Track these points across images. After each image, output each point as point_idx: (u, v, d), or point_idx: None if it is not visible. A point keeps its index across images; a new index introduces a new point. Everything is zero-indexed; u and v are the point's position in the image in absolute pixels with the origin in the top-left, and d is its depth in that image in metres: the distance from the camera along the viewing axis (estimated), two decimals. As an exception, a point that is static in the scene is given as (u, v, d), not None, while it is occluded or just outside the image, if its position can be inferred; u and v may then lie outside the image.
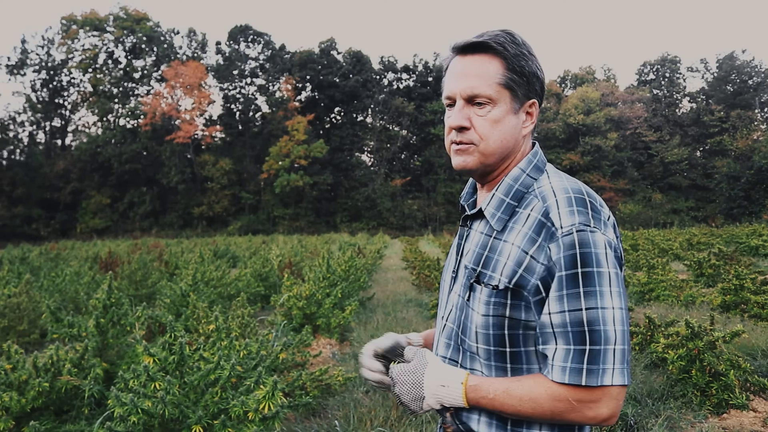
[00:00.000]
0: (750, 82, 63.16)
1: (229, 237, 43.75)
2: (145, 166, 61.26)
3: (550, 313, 1.26)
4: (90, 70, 65.14)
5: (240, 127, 65.39)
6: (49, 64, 64.52)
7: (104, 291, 4.83)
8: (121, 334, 4.88)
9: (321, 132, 66.43)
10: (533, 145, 1.50)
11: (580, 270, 1.23)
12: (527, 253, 1.30)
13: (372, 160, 68.41)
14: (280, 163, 58.38)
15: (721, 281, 10.35)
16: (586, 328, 1.22)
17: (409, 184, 64.83)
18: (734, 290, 7.93)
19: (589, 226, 1.26)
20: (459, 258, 1.52)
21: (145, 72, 66.89)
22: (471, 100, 1.39)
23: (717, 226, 42.98)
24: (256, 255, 17.76)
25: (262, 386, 3.25)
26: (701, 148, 64.96)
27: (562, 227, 1.26)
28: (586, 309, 1.22)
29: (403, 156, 69.84)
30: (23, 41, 65.19)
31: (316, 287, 7.86)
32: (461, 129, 1.40)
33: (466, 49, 1.41)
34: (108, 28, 65.34)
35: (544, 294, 1.27)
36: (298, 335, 5.68)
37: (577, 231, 1.25)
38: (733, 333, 4.62)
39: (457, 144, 1.42)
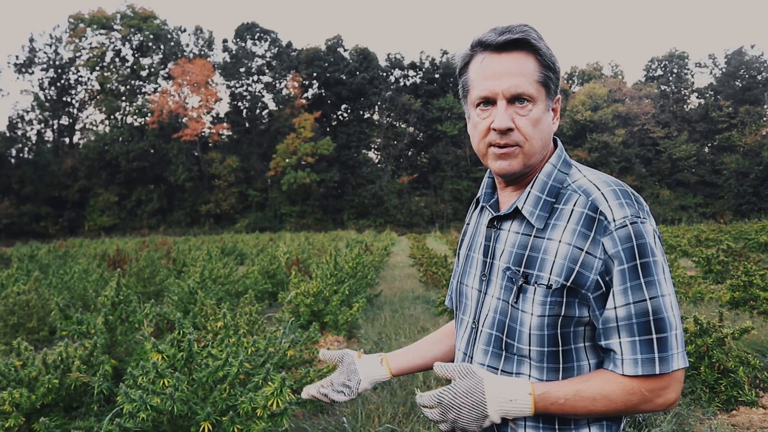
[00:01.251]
0: (759, 77, 62.69)
1: (236, 234, 43.89)
2: (153, 164, 61.41)
3: (615, 308, 1.27)
4: (97, 68, 65.32)
5: (247, 125, 65.40)
6: (57, 63, 64.72)
7: (112, 288, 4.85)
8: (129, 331, 4.90)
9: (328, 129, 66.36)
10: (555, 141, 1.49)
11: (639, 261, 1.25)
12: (582, 249, 1.29)
13: (379, 157, 68.37)
14: (287, 160, 58.39)
15: (729, 278, 10.32)
16: (651, 318, 1.24)
17: (416, 181, 64.68)
18: (743, 287, 7.90)
19: (640, 217, 1.27)
20: (490, 260, 1.48)
21: (152, 70, 67.01)
22: (513, 100, 1.35)
23: (725, 223, 42.80)
24: (263, 252, 17.79)
25: (270, 383, 3.26)
26: (709, 144, 64.62)
27: (615, 220, 1.27)
28: (650, 299, 1.24)
29: (410, 153, 69.73)
30: (31, 40, 65.27)
31: (323, 284, 7.87)
32: (507, 130, 1.36)
33: (503, 46, 1.36)
34: (115, 27, 65.48)
35: (604, 288, 1.28)
36: (306, 332, 5.69)
37: (631, 223, 1.26)
38: (742, 329, 4.61)
39: (501, 147, 1.38)
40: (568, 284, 1.29)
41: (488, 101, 1.38)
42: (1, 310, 7.18)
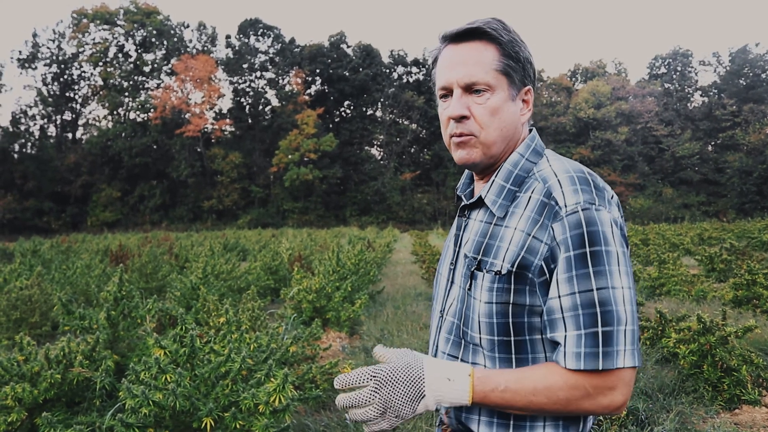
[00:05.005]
0: (763, 75, 62.56)
1: (238, 230, 43.87)
2: (155, 160, 61.51)
3: (559, 296, 1.22)
4: (100, 63, 65.39)
5: (250, 121, 65.47)
6: (60, 58, 64.78)
7: (115, 284, 4.85)
8: (131, 326, 4.90)
9: (330, 126, 66.42)
10: (530, 131, 1.47)
11: (588, 249, 1.19)
12: (530, 235, 1.26)
13: (381, 153, 68.41)
14: (289, 156, 58.43)
15: (732, 276, 10.30)
16: (597, 310, 1.18)
17: (419, 177, 64.77)
18: (746, 285, 7.88)
19: (594, 204, 1.23)
20: (457, 249, 1.48)
21: (155, 66, 67.07)
22: (469, 89, 1.35)
23: (728, 221, 42.71)
24: (265, 248, 17.80)
25: (272, 379, 3.26)
26: (713, 143, 64.49)
27: (566, 206, 1.23)
28: (597, 289, 1.18)
29: (412, 150, 69.76)
30: (34, 35, 65.41)
31: (325, 281, 7.87)
32: (461, 119, 1.36)
33: (460, 36, 1.37)
34: (118, 22, 65.54)
35: (548, 275, 1.24)
36: (308, 328, 5.69)
37: (582, 209, 1.22)
38: (745, 328, 4.59)
39: (458, 136, 1.38)
40: (515, 270, 1.27)
41: (447, 91, 1.39)
42: (4, 305, 7.19)
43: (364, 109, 67.50)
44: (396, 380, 1.23)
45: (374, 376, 1.24)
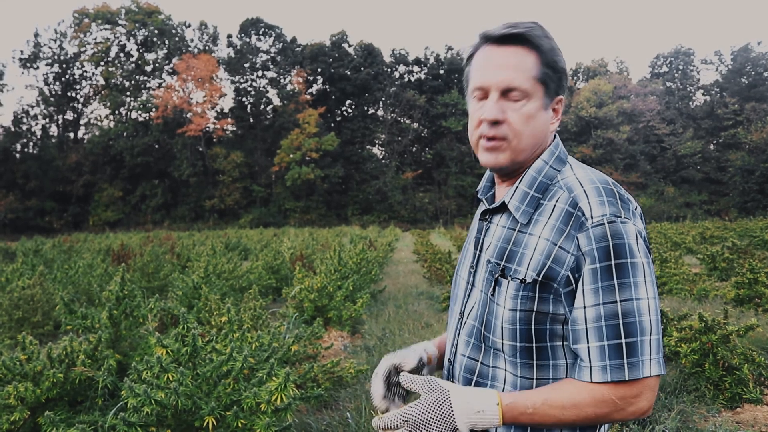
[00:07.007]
0: (765, 74, 62.45)
1: (240, 230, 43.90)
2: (157, 159, 61.52)
3: (584, 307, 1.24)
4: (102, 63, 65.42)
5: (251, 120, 65.47)
6: (62, 58, 64.82)
7: (117, 283, 4.85)
8: (133, 325, 4.90)
9: (332, 125, 66.39)
10: (554, 138, 1.48)
11: (614, 262, 1.21)
12: (555, 245, 1.28)
13: (383, 153, 68.36)
14: (291, 156, 58.42)
15: (734, 275, 10.28)
16: (621, 321, 1.20)
17: (420, 177, 64.71)
18: (748, 284, 7.86)
19: (620, 216, 1.24)
20: (478, 253, 1.49)
21: (157, 65, 67.06)
22: (506, 93, 1.35)
23: (730, 220, 42.69)
24: (267, 248, 17.80)
25: (274, 378, 3.26)
26: (715, 141, 64.37)
27: (592, 217, 1.25)
28: (621, 301, 1.20)
29: (414, 149, 69.72)
30: (36, 35, 65.46)
31: (327, 280, 7.87)
32: (495, 123, 1.36)
33: (503, 39, 1.36)
34: (120, 22, 65.50)
35: (574, 285, 1.25)
36: (310, 327, 5.69)
37: (608, 222, 1.23)
38: (747, 327, 4.59)
39: (489, 140, 1.38)
40: (540, 279, 1.28)
41: (483, 93, 1.38)
42: (6, 305, 7.20)
43: (366, 108, 67.49)
44: (428, 421, 1.28)
45: (407, 420, 1.30)
